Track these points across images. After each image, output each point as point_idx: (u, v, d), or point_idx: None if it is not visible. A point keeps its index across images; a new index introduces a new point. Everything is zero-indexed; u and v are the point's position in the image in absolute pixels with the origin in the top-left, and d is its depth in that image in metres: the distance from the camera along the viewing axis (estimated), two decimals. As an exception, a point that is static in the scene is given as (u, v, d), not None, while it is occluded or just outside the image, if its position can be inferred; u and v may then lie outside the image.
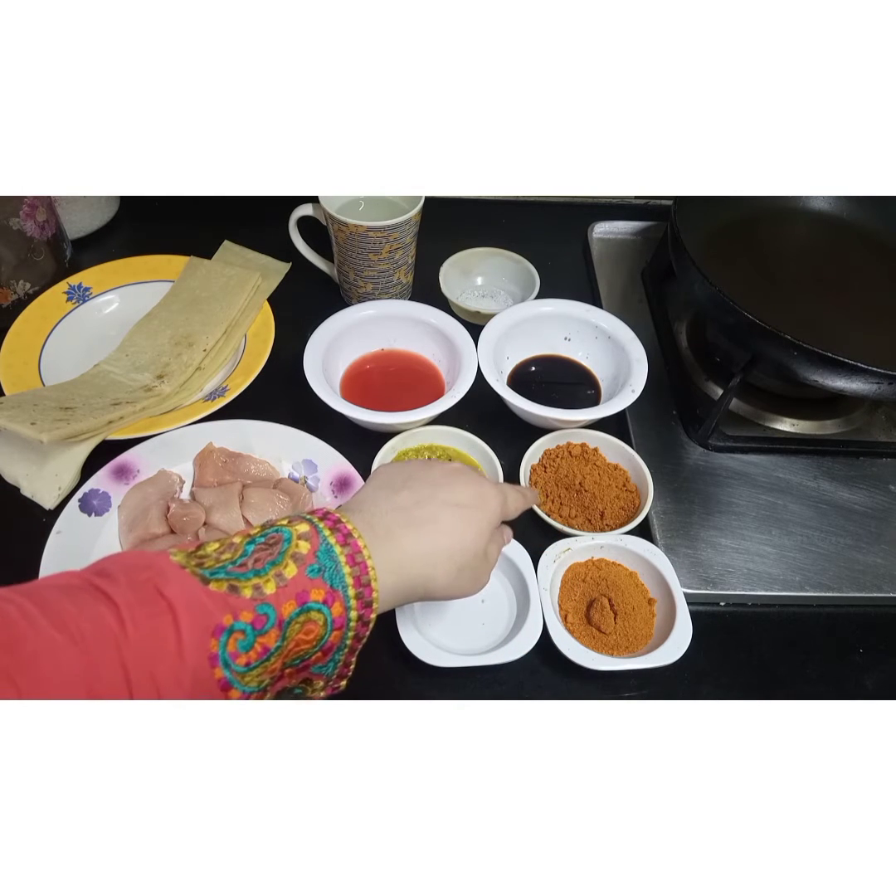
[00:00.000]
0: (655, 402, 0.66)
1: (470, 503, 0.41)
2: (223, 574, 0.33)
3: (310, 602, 0.34)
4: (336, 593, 0.35)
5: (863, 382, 0.54)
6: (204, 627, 0.31)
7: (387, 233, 0.64)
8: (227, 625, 0.32)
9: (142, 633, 0.30)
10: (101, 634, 0.29)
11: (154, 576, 0.32)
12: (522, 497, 0.47)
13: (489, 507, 0.42)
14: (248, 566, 0.34)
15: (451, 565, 0.40)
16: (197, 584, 0.32)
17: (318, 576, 0.35)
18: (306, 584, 0.34)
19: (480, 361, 0.61)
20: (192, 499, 0.57)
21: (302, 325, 0.65)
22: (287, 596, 0.34)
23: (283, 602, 0.33)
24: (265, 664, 0.33)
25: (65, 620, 0.29)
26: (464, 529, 0.41)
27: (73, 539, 0.52)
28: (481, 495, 0.42)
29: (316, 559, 0.35)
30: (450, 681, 0.50)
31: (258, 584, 0.33)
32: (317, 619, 0.35)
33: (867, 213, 0.73)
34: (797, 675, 0.53)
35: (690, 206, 0.65)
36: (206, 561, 0.34)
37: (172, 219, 0.79)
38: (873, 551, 0.58)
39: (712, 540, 0.58)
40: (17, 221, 0.63)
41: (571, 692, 0.51)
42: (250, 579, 0.33)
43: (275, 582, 0.34)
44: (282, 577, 0.34)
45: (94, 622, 0.29)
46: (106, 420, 0.57)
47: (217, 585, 0.32)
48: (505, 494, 0.44)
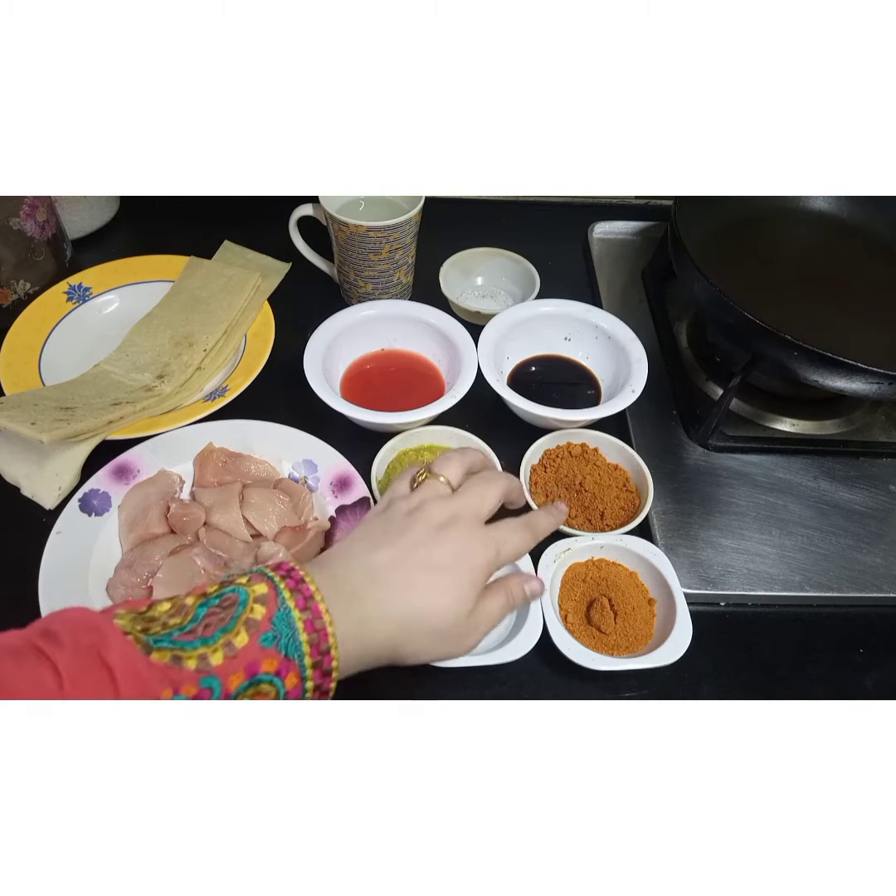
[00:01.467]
0: (655, 402, 0.66)
1: (450, 564, 0.38)
2: (167, 643, 0.31)
3: (260, 674, 0.32)
4: (291, 663, 0.33)
5: (863, 382, 0.54)
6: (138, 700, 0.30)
7: (387, 233, 0.64)
8: (166, 699, 0.30)
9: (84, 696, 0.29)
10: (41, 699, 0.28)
11: (97, 641, 0.30)
12: (531, 534, 0.43)
13: (473, 567, 0.39)
14: (198, 633, 0.32)
15: (422, 631, 0.37)
16: (137, 654, 0.30)
17: (272, 645, 0.33)
18: (257, 654, 0.32)
19: (480, 361, 0.61)
20: (192, 499, 0.57)
21: (302, 325, 0.65)
22: (235, 668, 0.32)
23: (231, 674, 0.32)
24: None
25: (5, 684, 0.28)
26: (440, 593, 0.38)
27: (73, 539, 0.52)
28: (465, 553, 0.39)
29: (271, 626, 0.33)
30: (450, 681, 0.50)
31: (204, 654, 0.31)
32: (267, 691, 0.33)
33: (867, 213, 0.73)
34: (797, 675, 0.53)
35: (690, 206, 0.65)
36: (152, 626, 0.32)
37: (172, 219, 0.79)
38: (873, 551, 0.58)
39: (712, 540, 0.58)
40: (17, 221, 0.63)
41: (571, 692, 0.51)
42: (196, 648, 0.31)
43: (223, 652, 0.32)
44: (231, 647, 0.32)
45: (35, 687, 0.29)
46: (106, 420, 0.57)
47: (160, 655, 0.31)
48: (498, 545, 0.40)
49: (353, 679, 0.39)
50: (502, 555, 0.41)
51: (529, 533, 0.43)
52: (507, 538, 0.41)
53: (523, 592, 0.42)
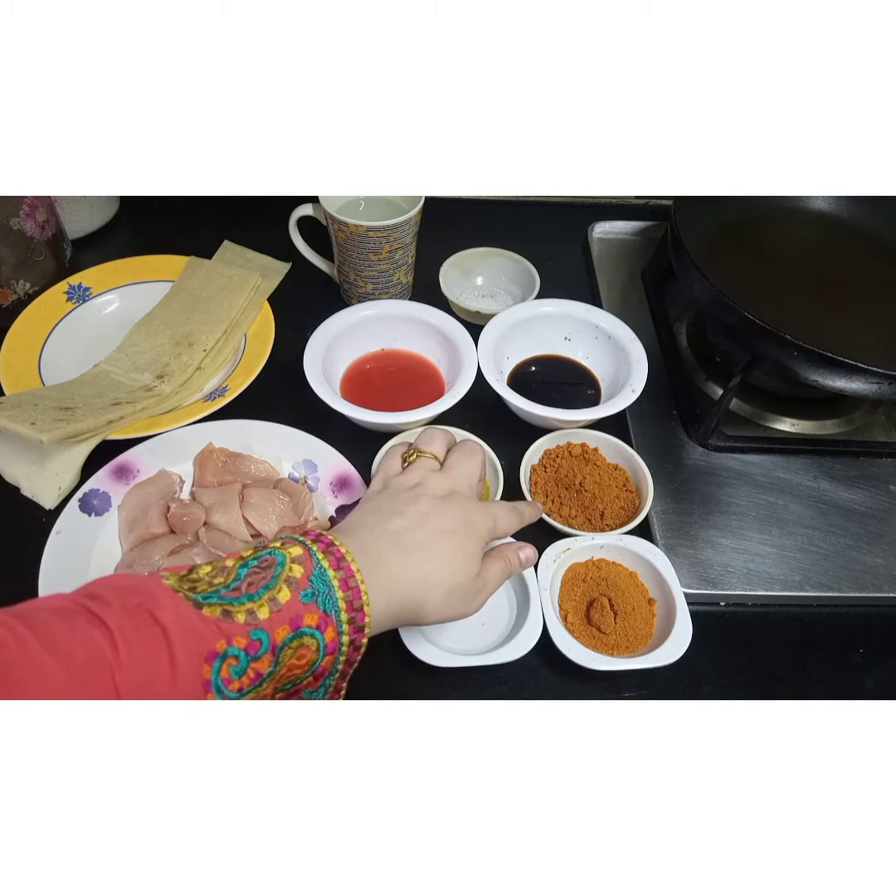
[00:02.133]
0: (655, 402, 0.66)
1: (458, 529, 0.42)
2: (216, 599, 0.33)
3: (303, 627, 0.34)
4: (329, 618, 0.35)
5: (863, 382, 0.54)
6: (198, 653, 0.31)
7: (387, 233, 0.64)
8: (220, 650, 0.31)
9: (135, 658, 0.30)
10: (94, 659, 0.29)
11: (146, 600, 0.31)
12: (518, 517, 0.47)
13: (477, 533, 0.43)
14: (242, 590, 0.34)
15: (441, 589, 0.40)
16: (190, 609, 0.32)
17: (311, 600, 0.35)
18: (300, 608, 0.34)
19: (480, 361, 0.61)
20: (192, 499, 0.57)
21: (302, 325, 0.65)
22: (281, 621, 0.33)
23: (277, 627, 0.33)
24: (257, 689, 0.33)
25: (57, 644, 0.29)
26: (453, 555, 0.41)
27: (73, 539, 0.52)
28: (469, 521, 0.43)
29: (310, 584, 0.35)
30: (450, 681, 0.50)
31: (252, 609, 0.33)
32: (310, 644, 0.34)
33: (867, 213, 0.73)
34: (797, 675, 0.53)
35: (690, 206, 0.65)
36: (198, 585, 0.33)
37: (172, 219, 0.79)
38: (873, 551, 0.58)
39: (712, 540, 0.58)
40: (17, 221, 0.63)
41: (571, 692, 0.51)
42: (244, 604, 0.33)
43: (268, 606, 0.33)
44: (275, 602, 0.34)
45: (87, 646, 0.29)
46: (106, 420, 0.57)
47: (210, 610, 0.32)
48: (495, 517, 0.45)
49: (352, 679, 0.39)
50: (498, 527, 0.45)
51: (517, 515, 0.47)
52: (500, 514, 0.46)
53: (518, 558, 0.46)
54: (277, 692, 0.35)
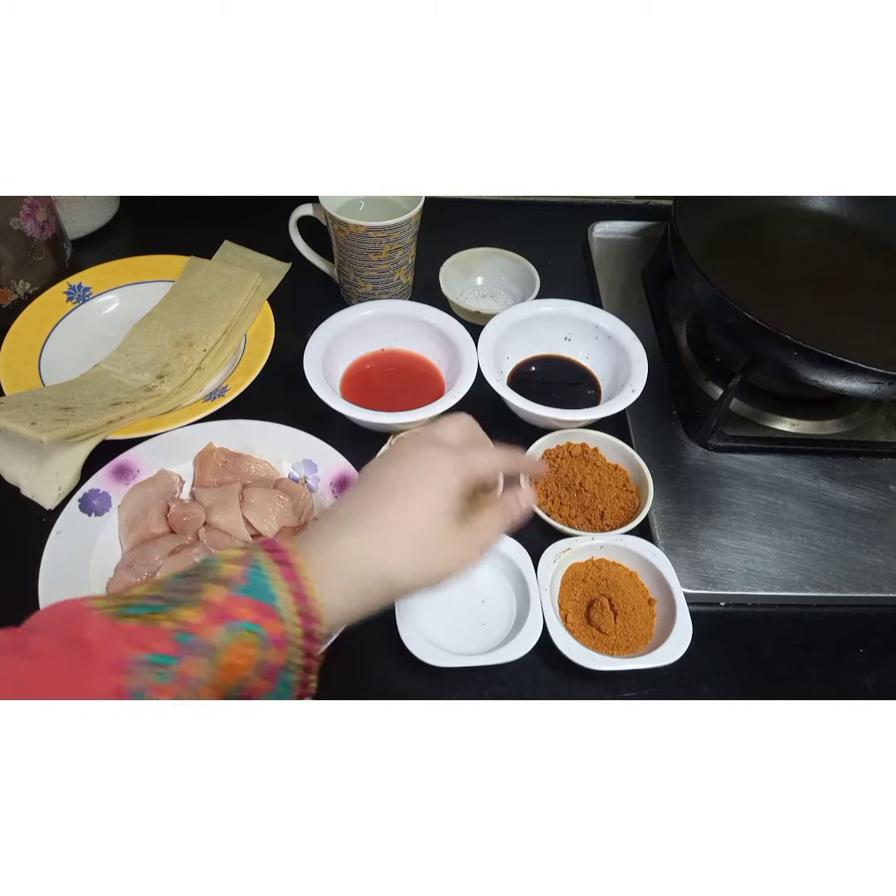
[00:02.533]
0: (655, 402, 0.66)
1: (416, 482, 0.38)
2: (137, 609, 0.31)
3: (238, 622, 0.32)
4: (267, 608, 0.33)
5: (863, 382, 0.54)
6: (111, 665, 0.30)
7: (387, 233, 0.64)
8: (133, 658, 0.30)
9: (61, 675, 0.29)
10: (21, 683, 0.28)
11: (76, 626, 0.31)
12: (502, 456, 0.42)
13: (438, 482, 0.38)
14: (170, 597, 0.32)
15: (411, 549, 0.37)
16: (107, 623, 0.31)
17: (246, 594, 0.32)
18: (233, 603, 0.32)
19: (480, 361, 0.61)
20: (192, 499, 0.57)
21: (302, 325, 0.65)
22: (213, 621, 0.31)
23: (209, 627, 0.31)
24: (195, 694, 0.31)
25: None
26: (414, 505, 0.37)
27: (73, 539, 0.52)
28: (428, 471, 0.38)
29: (245, 580, 0.33)
30: (450, 681, 0.50)
31: (178, 612, 0.31)
32: (249, 640, 0.32)
33: (867, 213, 0.73)
34: (797, 675, 0.53)
35: (690, 206, 0.65)
36: (131, 601, 0.32)
37: (172, 219, 0.79)
38: (873, 551, 0.58)
39: (712, 540, 0.58)
40: (17, 221, 0.63)
41: (571, 692, 0.51)
42: (169, 610, 0.31)
43: (198, 609, 0.32)
44: (206, 603, 0.32)
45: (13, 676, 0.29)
46: (106, 420, 0.57)
47: (127, 620, 0.31)
48: (464, 458, 0.40)
49: (352, 679, 0.39)
50: (472, 467, 0.40)
51: (500, 453, 0.43)
52: (472, 452, 0.41)
53: (518, 504, 0.42)
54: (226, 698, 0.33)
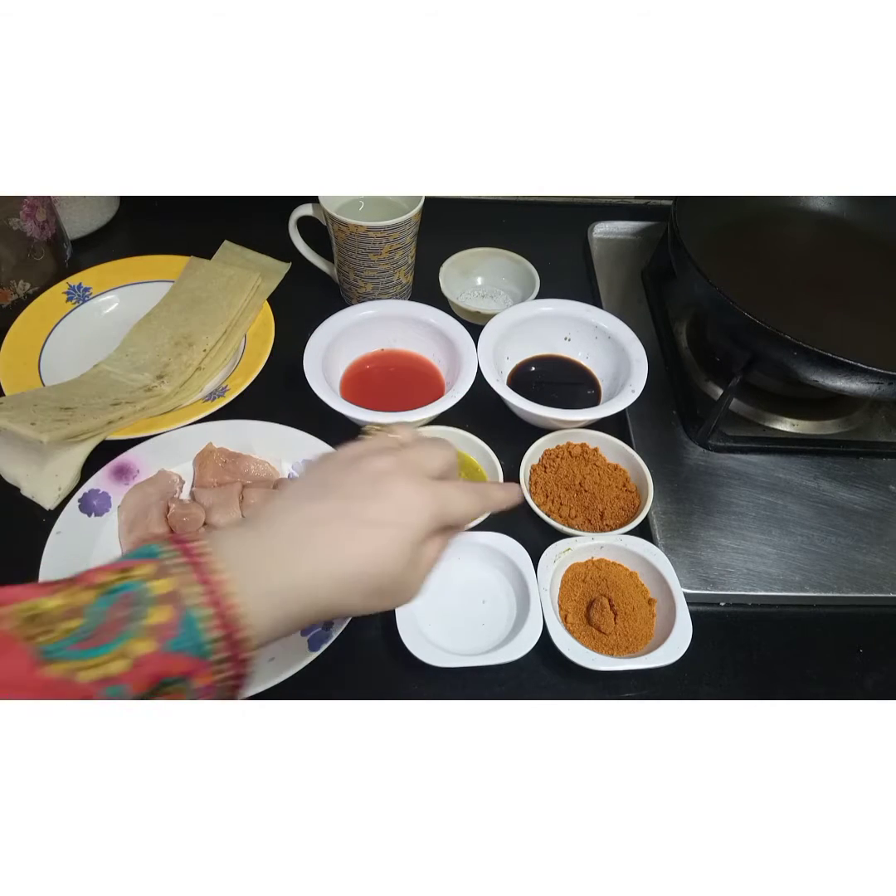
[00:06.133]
0: (655, 402, 0.66)
1: (388, 520, 0.35)
2: (62, 654, 0.28)
3: (167, 678, 0.30)
4: (201, 663, 0.30)
5: (863, 382, 0.54)
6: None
7: (387, 233, 0.64)
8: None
9: None
10: None
11: None
12: (479, 499, 0.39)
13: (412, 524, 0.36)
14: (95, 641, 0.29)
15: (359, 591, 0.35)
16: (31, 667, 0.28)
17: (178, 649, 0.30)
18: (162, 660, 0.30)
19: (480, 361, 0.61)
20: (192, 499, 0.57)
21: (302, 325, 0.65)
22: (140, 675, 0.29)
23: (136, 680, 0.29)
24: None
25: None
26: (375, 552, 0.35)
27: (73, 539, 0.52)
28: (404, 510, 0.36)
29: (176, 631, 0.30)
30: (450, 681, 0.50)
31: (105, 664, 0.29)
32: (177, 690, 0.30)
33: (867, 213, 0.73)
34: (797, 675, 0.53)
35: (690, 206, 0.65)
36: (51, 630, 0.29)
37: (172, 219, 0.79)
38: (873, 551, 0.58)
39: (712, 540, 0.58)
40: (17, 221, 0.63)
41: (571, 692, 0.51)
42: (95, 658, 0.29)
43: (125, 661, 0.29)
44: (134, 656, 0.29)
45: None
46: (106, 420, 0.57)
47: (53, 670, 0.28)
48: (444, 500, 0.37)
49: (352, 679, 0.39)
50: (449, 513, 0.37)
51: (478, 497, 0.39)
52: (454, 496, 0.38)
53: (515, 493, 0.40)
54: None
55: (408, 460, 0.38)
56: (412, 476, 0.37)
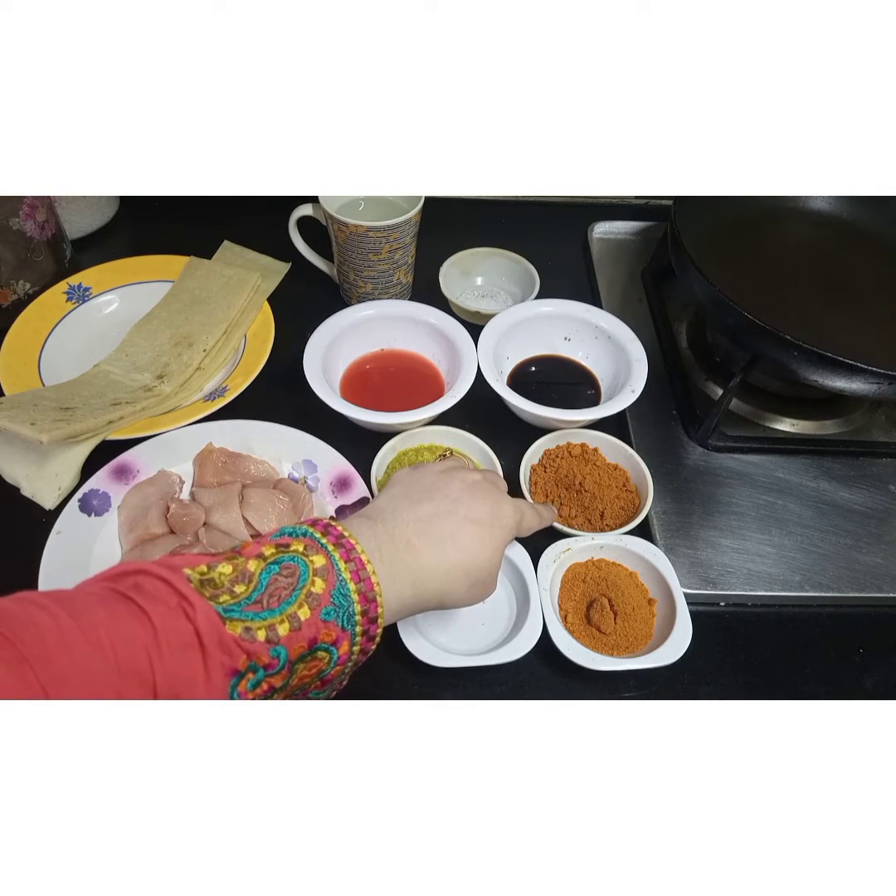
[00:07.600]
0: (655, 402, 0.66)
1: (487, 520, 0.42)
2: (238, 614, 0.33)
3: (319, 643, 0.35)
4: (345, 633, 0.35)
5: (863, 382, 0.54)
6: (225, 669, 0.32)
7: (387, 233, 0.64)
8: (241, 669, 0.32)
9: (175, 661, 0.30)
10: (135, 656, 0.30)
11: (183, 602, 0.32)
12: (538, 516, 0.47)
13: (505, 525, 0.43)
14: (263, 604, 0.34)
15: (465, 581, 0.40)
16: (218, 623, 0.32)
17: (331, 618, 0.35)
18: (319, 627, 0.34)
19: (480, 361, 0.61)
20: (192, 499, 0.57)
21: (302, 325, 0.65)
22: (299, 639, 0.34)
23: (295, 644, 0.34)
24: (267, 699, 0.34)
25: (100, 636, 0.29)
26: (480, 547, 0.41)
27: (73, 539, 0.52)
28: (498, 513, 0.43)
29: (331, 600, 0.35)
30: (450, 681, 0.50)
31: (272, 625, 0.33)
32: (322, 657, 0.35)
33: (867, 213, 0.73)
34: (797, 675, 0.53)
35: (690, 206, 0.65)
36: (219, 593, 0.33)
37: (172, 219, 0.79)
38: (873, 551, 0.58)
39: (712, 540, 0.58)
40: (17, 221, 0.63)
41: (571, 692, 0.51)
42: (265, 620, 0.33)
43: (288, 624, 0.34)
44: (296, 619, 0.34)
45: (129, 643, 0.30)
46: (106, 420, 0.57)
47: (232, 627, 0.32)
48: (522, 512, 0.45)
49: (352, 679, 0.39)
50: (523, 523, 0.45)
51: (537, 514, 0.47)
52: (526, 510, 0.46)
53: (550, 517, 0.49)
54: (287, 698, 0.35)
55: (488, 476, 0.46)
56: (497, 489, 0.45)
